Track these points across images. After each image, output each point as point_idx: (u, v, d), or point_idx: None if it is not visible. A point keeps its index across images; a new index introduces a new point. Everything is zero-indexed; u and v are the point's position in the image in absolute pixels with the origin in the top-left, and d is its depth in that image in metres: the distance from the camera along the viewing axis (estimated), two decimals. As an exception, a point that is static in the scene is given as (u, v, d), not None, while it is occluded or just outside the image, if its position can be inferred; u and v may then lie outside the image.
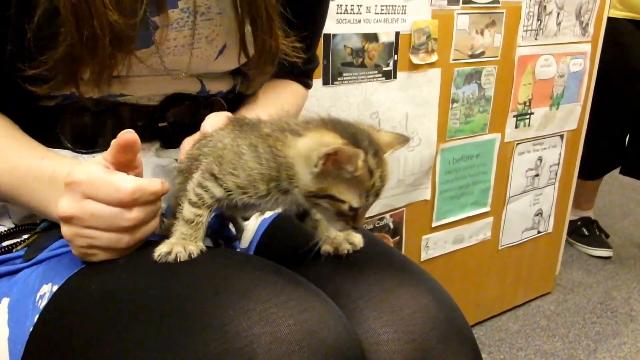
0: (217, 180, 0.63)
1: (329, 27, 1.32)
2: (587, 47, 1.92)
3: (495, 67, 1.69)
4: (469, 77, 1.64)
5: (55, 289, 0.64)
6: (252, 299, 0.54)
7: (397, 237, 1.65)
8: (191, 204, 0.64)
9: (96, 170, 0.61)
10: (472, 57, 1.62)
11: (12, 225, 0.76)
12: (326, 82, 1.36)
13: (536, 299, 2.20)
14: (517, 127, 1.83)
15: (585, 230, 2.63)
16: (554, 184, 2.06)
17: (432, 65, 1.54)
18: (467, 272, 1.90)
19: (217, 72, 0.87)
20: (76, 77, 0.69)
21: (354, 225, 0.62)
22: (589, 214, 2.69)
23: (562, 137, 2.00)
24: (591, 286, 2.32)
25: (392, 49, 1.44)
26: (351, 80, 1.40)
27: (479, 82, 1.67)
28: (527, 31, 1.72)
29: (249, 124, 0.68)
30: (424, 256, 1.74)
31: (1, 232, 0.75)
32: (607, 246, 2.57)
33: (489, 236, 1.92)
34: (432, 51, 1.52)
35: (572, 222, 2.54)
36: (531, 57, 1.77)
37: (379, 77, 1.45)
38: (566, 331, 2.02)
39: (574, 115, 2.00)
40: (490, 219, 1.89)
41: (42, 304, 0.64)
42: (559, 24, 1.80)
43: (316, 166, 0.58)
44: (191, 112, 0.84)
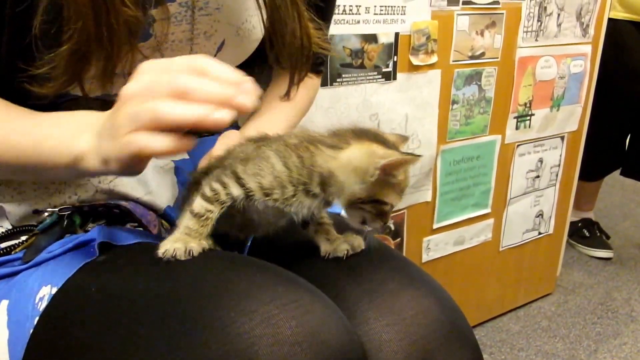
0: (238, 179, 0.64)
1: (329, 29, 1.32)
2: (587, 49, 1.92)
3: (495, 69, 1.69)
4: (469, 79, 1.64)
5: (54, 290, 0.64)
6: (254, 301, 0.54)
7: (398, 239, 1.65)
8: (204, 198, 0.64)
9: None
10: (472, 58, 1.62)
11: (10, 226, 0.76)
12: (325, 84, 1.36)
13: (537, 299, 2.20)
14: (517, 128, 1.83)
15: (586, 231, 2.63)
16: (555, 186, 2.05)
17: (432, 66, 1.53)
18: (468, 274, 1.90)
19: None
20: (81, 75, 0.68)
21: (385, 222, 0.67)
22: (590, 215, 2.68)
23: (562, 138, 2.00)
24: (592, 287, 2.32)
25: (392, 50, 1.44)
26: (350, 81, 1.40)
27: (479, 83, 1.67)
28: (527, 32, 1.72)
29: (265, 139, 0.70)
30: (425, 258, 1.74)
31: (-1, 233, 0.75)
32: (607, 247, 2.57)
33: (490, 237, 1.91)
34: (432, 52, 1.52)
35: (572, 223, 2.54)
36: (531, 58, 1.77)
37: (379, 79, 1.45)
38: (567, 332, 2.02)
39: (575, 116, 2.00)
40: (491, 221, 1.89)
41: (42, 306, 0.64)
42: (559, 25, 1.80)
43: (372, 176, 0.62)
44: None
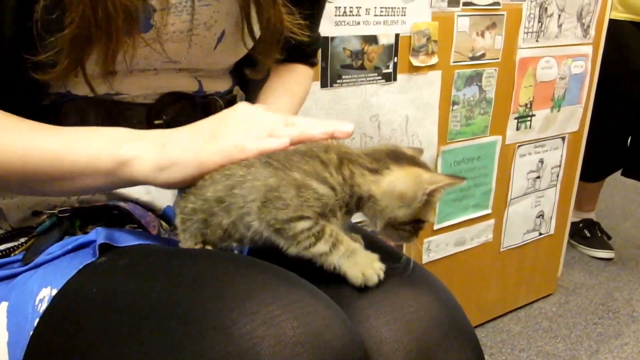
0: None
1: (328, 30, 1.32)
2: (588, 49, 1.92)
3: (496, 69, 1.69)
4: (469, 79, 1.64)
5: (54, 292, 0.64)
6: (256, 302, 0.54)
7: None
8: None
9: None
10: (472, 59, 1.62)
11: (9, 228, 0.76)
12: (325, 85, 1.36)
13: (538, 300, 2.20)
14: (518, 129, 1.83)
15: (587, 232, 2.62)
16: (556, 186, 2.05)
17: (432, 67, 1.54)
18: (469, 275, 1.90)
19: (217, 69, 0.87)
20: (82, 61, 0.69)
21: (417, 236, 0.68)
22: (591, 215, 2.68)
23: (563, 139, 2.00)
24: (593, 287, 2.32)
25: (392, 51, 1.44)
26: (350, 82, 1.40)
27: (479, 84, 1.67)
28: (528, 33, 1.72)
29: (278, 153, 0.66)
30: (426, 259, 1.74)
31: (-1, 234, 0.75)
32: (608, 248, 2.57)
33: (491, 238, 1.91)
34: (433, 53, 1.52)
35: (574, 224, 2.53)
36: (532, 59, 1.77)
37: (379, 80, 1.45)
38: (568, 332, 2.01)
39: (576, 117, 1.99)
40: (491, 221, 1.89)
41: (42, 307, 0.64)
42: (560, 26, 1.80)
43: (420, 202, 0.63)
44: (188, 111, 0.85)
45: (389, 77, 1.46)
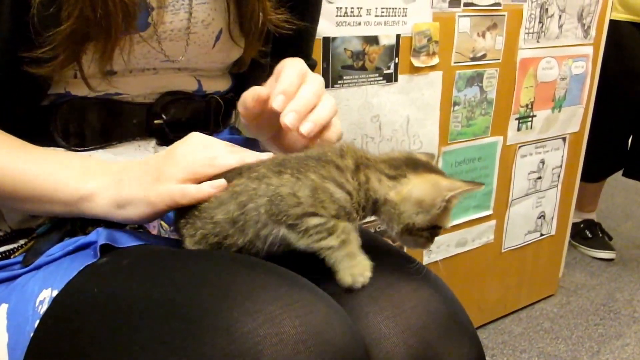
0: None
1: (329, 30, 1.32)
2: (589, 50, 1.92)
3: (497, 70, 1.69)
4: (470, 80, 1.64)
5: (55, 293, 0.64)
6: (257, 301, 0.54)
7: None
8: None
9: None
10: (473, 59, 1.62)
11: (9, 229, 0.76)
12: (326, 85, 1.34)
13: (539, 301, 2.20)
14: (519, 129, 1.83)
15: (588, 232, 2.62)
16: (557, 187, 2.05)
17: (433, 68, 1.53)
18: (470, 275, 1.90)
19: (216, 68, 0.87)
20: (79, 57, 0.69)
21: (432, 241, 0.68)
22: (592, 216, 2.68)
23: (564, 139, 2.00)
24: (594, 288, 2.32)
25: (393, 51, 1.44)
26: (351, 83, 1.40)
27: (480, 84, 1.66)
28: (528, 34, 1.72)
29: (289, 159, 0.66)
30: (427, 260, 1.74)
31: (-1, 236, 0.75)
32: (610, 248, 2.57)
33: (492, 239, 1.91)
34: (434, 54, 1.52)
35: (575, 224, 2.53)
36: (533, 59, 1.77)
37: (380, 80, 1.45)
38: (569, 333, 2.01)
39: (576, 117, 1.99)
40: (492, 222, 1.89)
41: (43, 309, 0.64)
42: (560, 27, 1.79)
43: (439, 208, 0.63)
44: (187, 110, 0.85)
45: (390, 78, 1.46)
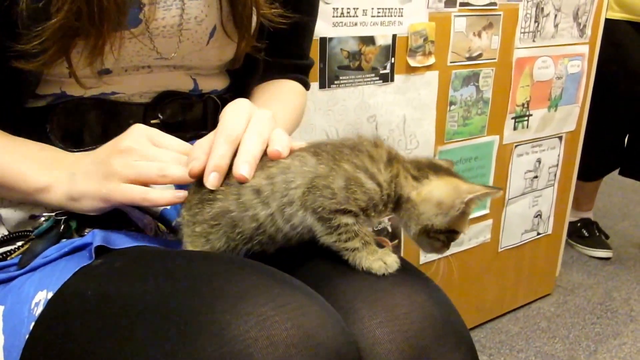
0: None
1: (325, 31, 1.32)
2: (585, 49, 1.92)
3: (493, 69, 1.69)
4: (466, 80, 1.64)
5: (50, 295, 0.64)
6: (249, 303, 0.54)
7: (396, 241, 1.65)
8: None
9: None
10: (469, 59, 1.62)
11: (6, 232, 0.76)
12: (322, 86, 1.36)
13: (536, 300, 2.20)
14: (515, 129, 1.83)
15: (585, 231, 2.63)
16: (553, 186, 2.05)
17: (429, 67, 1.54)
18: (467, 275, 1.90)
19: (212, 66, 0.87)
20: (68, 51, 0.69)
21: (448, 247, 0.69)
22: (589, 215, 2.69)
23: (560, 138, 2.00)
24: (591, 287, 2.32)
25: (389, 51, 1.44)
26: (348, 83, 1.40)
27: (476, 84, 1.67)
28: (524, 33, 1.72)
29: (325, 144, 0.68)
30: (423, 259, 1.74)
31: (-5, 239, 0.75)
32: (607, 247, 2.57)
33: (489, 238, 1.91)
34: (430, 54, 1.52)
35: (571, 223, 2.54)
36: (529, 59, 1.77)
37: (376, 80, 1.45)
38: (566, 332, 2.01)
39: (573, 116, 2.00)
40: (489, 221, 1.89)
41: (38, 311, 0.64)
42: (556, 26, 1.80)
43: (458, 210, 0.65)
44: (183, 109, 0.84)
45: (387, 78, 1.46)
